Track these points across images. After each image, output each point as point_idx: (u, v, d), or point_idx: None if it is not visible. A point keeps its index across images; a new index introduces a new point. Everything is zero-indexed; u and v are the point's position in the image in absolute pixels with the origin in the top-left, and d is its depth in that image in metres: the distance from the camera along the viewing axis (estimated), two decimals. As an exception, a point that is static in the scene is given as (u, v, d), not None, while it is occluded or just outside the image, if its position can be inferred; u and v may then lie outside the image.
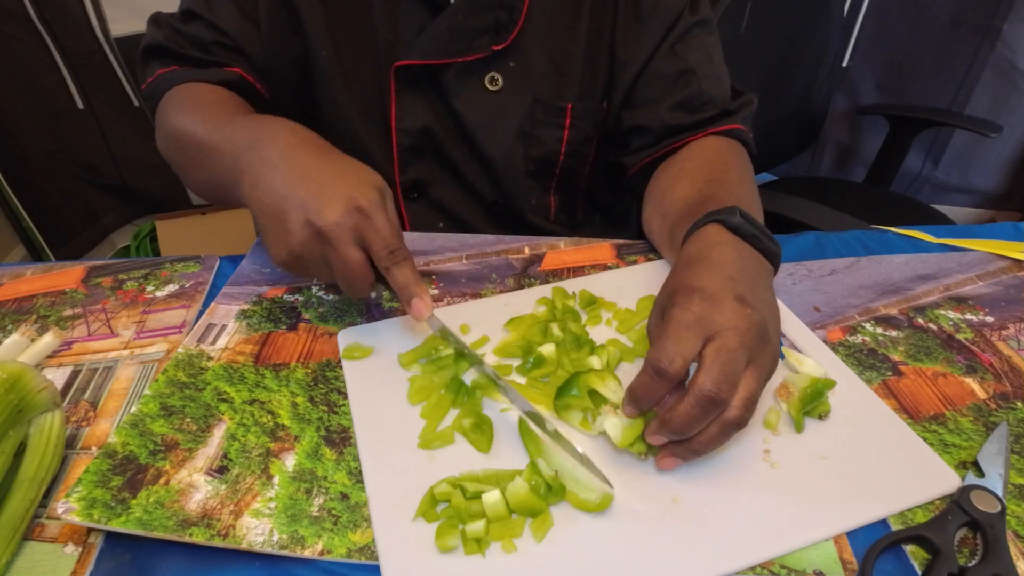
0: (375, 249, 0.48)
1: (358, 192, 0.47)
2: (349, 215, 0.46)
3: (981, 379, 0.52)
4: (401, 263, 0.49)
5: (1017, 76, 1.68)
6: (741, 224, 0.49)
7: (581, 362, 0.51)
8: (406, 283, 0.49)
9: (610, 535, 0.40)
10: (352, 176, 0.49)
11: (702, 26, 0.69)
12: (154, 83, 0.68)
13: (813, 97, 1.43)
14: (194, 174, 0.63)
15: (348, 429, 0.48)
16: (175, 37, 0.67)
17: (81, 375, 0.54)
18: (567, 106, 0.71)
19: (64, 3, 1.62)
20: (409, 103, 0.70)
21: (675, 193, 0.62)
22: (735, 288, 0.43)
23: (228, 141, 0.54)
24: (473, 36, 0.67)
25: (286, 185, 0.48)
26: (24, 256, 1.89)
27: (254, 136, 0.52)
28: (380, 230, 0.47)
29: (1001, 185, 1.90)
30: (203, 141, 0.58)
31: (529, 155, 0.74)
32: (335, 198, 0.46)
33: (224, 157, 0.54)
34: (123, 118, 1.84)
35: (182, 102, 0.64)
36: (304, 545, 0.40)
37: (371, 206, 0.47)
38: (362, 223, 0.47)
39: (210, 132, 0.58)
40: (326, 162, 0.50)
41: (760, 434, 0.46)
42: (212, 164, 0.57)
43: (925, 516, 0.42)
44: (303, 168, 0.48)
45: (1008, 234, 0.71)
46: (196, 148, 0.59)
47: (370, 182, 0.49)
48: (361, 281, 0.49)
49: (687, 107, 0.68)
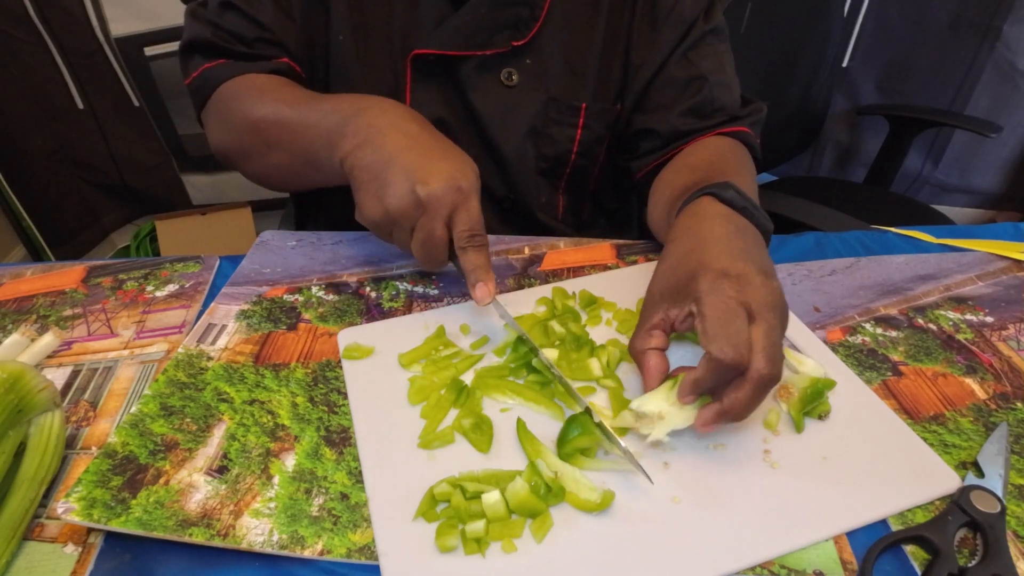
0: (459, 228, 0.51)
1: (460, 173, 0.51)
2: (450, 192, 0.50)
3: (981, 379, 0.52)
4: (478, 248, 0.52)
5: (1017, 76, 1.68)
6: (734, 197, 0.50)
7: (581, 363, 0.51)
8: (476, 267, 0.52)
9: (610, 535, 0.40)
10: (456, 157, 0.52)
11: (715, 34, 0.70)
12: (200, 78, 0.69)
13: (813, 97, 1.43)
14: (275, 156, 0.64)
15: (348, 429, 0.48)
16: (217, 32, 0.68)
17: (81, 375, 0.54)
18: (581, 106, 0.71)
19: (64, 3, 1.62)
20: (424, 93, 0.70)
21: (676, 183, 0.63)
22: (754, 262, 0.44)
23: (330, 113, 0.57)
24: (494, 31, 0.67)
25: (396, 150, 0.51)
26: (24, 256, 1.89)
27: (362, 105, 0.56)
28: (471, 212, 0.51)
29: (1001, 185, 1.90)
30: (292, 120, 0.61)
31: (541, 153, 0.74)
32: (440, 173, 0.50)
33: (320, 129, 0.57)
34: (123, 118, 1.83)
35: (248, 91, 0.66)
36: (304, 545, 0.40)
37: (469, 188, 0.51)
38: (459, 202, 0.51)
39: (298, 110, 0.60)
40: (433, 137, 0.54)
41: (760, 434, 0.46)
42: (303, 140, 0.59)
43: (925, 516, 0.42)
44: (413, 137, 0.52)
45: (1008, 234, 0.71)
46: (281, 129, 0.62)
47: (471, 166, 0.53)
48: (439, 254, 0.52)
49: (697, 113, 0.69)
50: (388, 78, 0.71)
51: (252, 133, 0.65)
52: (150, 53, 1.69)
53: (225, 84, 0.68)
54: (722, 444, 0.45)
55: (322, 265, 0.66)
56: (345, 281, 0.64)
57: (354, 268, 0.66)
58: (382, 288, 0.63)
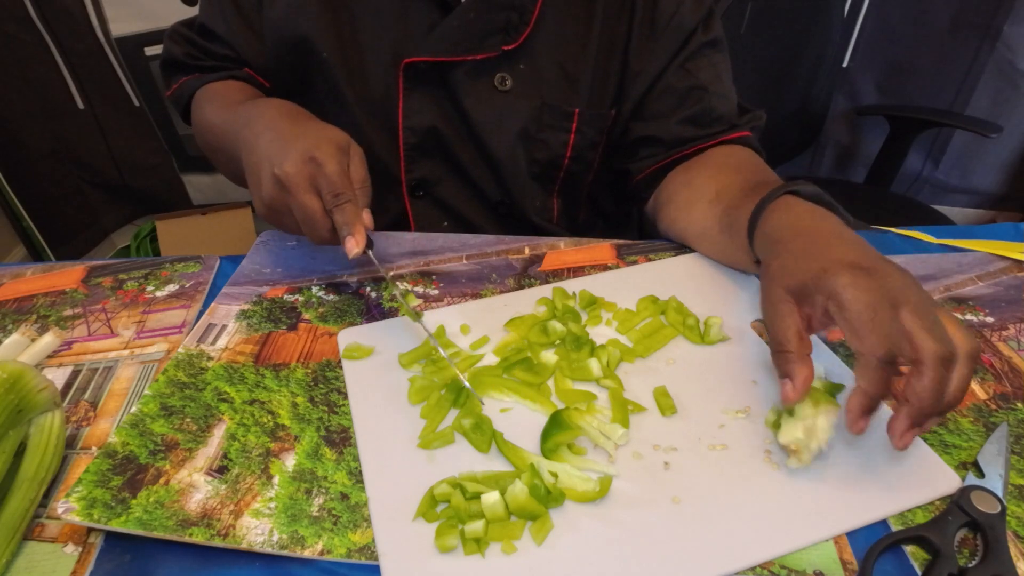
0: (324, 195, 0.52)
1: (314, 145, 0.52)
2: (304, 165, 0.51)
3: (981, 380, 0.52)
4: (343, 205, 0.51)
5: (1017, 76, 1.68)
6: (818, 193, 0.51)
7: (581, 363, 0.51)
8: (343, 223, 0.51)
9: (610, 535, 0.40)
10: (313, 133, 0.54)
11: (713, 46, 0.70)
12: (179, 89, 0.78)
13: (813, 97, 1.43)
14: (219, 157, 0.74)
15: (348, 429, 0.48)
16: (193, 52, 0.78)
17: (81, 375, 0.54)
18: (574, 111, 0.71)
19: (65, 3, 1.62)
20: (417, 101, 0.71)
21: (723, 181, 0.63)
22: (875, 255, 0.44)
23: (232, 122, 0.63)
24: (484, 35, 0.67)
25: (260, 144, 0.55)
26: (24, 256, 1.89)
27: (250, 114, 0.60)
28: (329, 176, 0.51)
29: (1001, 185, 1.90)
30: (219, 127, 0.68)
31: (533, 158, 0.74)
32: (293, 151, 0.52)
33: (232, 137, 0.62)
34: (123, 118, 1.83)
35: (207, 100, 0.74)
36: (304, 545, 0.40)
37: (324, 156, 0.51)
38: (315, 171, 0.51)
39: (224, 119, 0.68)
40: (296, 125, 0.56)
41: (761, 434, 0.46)
42: (228, 146, 0.66)
43: (925, 517, 0.42)
44: (279, 131, 0.55)
45: (1008, 235, 0.71)
46: (216, 135, 0.70)
47: (329, 138, 0.53)
48: (319, 226, 0.52)
49: (696, 122, 0.70)
50: (379, 89, 0.71)
51: (202, 137, 0.75)
52: (150, 53, 1.69)
53: (196, 93, 0.76)
54: (722, 444, 0.45)
55: (322, 265, 0.67)
56: (345, 281, 0.64)
57: (354, 268, 0.66)
58: (382, 288, 0.63)
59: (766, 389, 0.50)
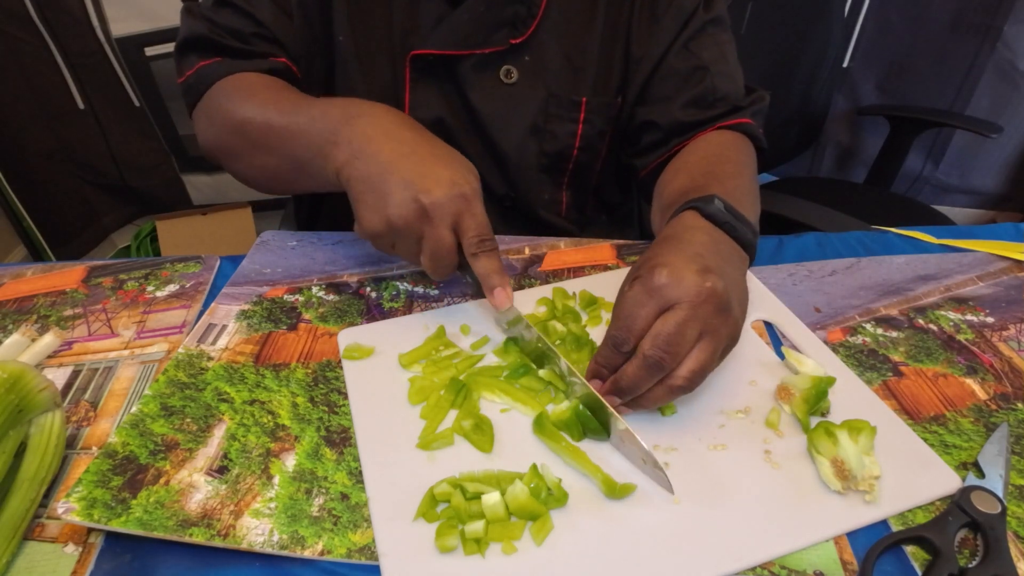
0: (468, 235, 0.51)
1: (461, 178, 0.50)
2: (454, 199, 0.49)
3: (981, 380, 0.52)
4: (490, 252, 0.51)
5: (1017, 76, 1.68)
6: (717, 212, 0.51)
7: (581, 363, 0.51)
8: (490, 272, 0.51)
9: (610, 535, 0.40)
10: (455, 162, 0.52)
11: (716, 24, 0.70)
12: (195, 76, 0.67)
13: (813, 98, 1.43)
14: (261, 159, 0.63)
15: (348, 429, 0.48)
16: (214, 28, 0.67)
17: (81, 375, 0.54)
18: (582, 100, 0.71)
19: (65, 3, 1.62)
20: (423, 93, 0.71)
21: (672, 186, 0.63)
22: (699, 261, 0.44)
23: (318, 119, 0.56)
24: (492, 29, 0.67)
25: (392, 160, 0.50)
26: (24, 256, 1.89)
27: (352, 112, 0.54)
28: (477, 217, 0.51)
29: (1002, 186, 1.90)
30: (278, 124, 0.59)
31: (542, 150, 0.74)
32: (441, 180, 0.49)
33: (310, 136, 0.55)
34: (123, 118, 1.83)
35: (237, 91, 0.64)
36: (304, 545, 0.40)
37: (472, 194, 0.50)
38: (463, 208, 0.50)
39: (287, 115, 0.58)
40: (430, 144, 0.53)
41: (761, 435, 0.46)
42: (291, 145, 0.58)
43: (925, 517, 0.42)
44: (408, 145, 0.52)
45: (1009, 235, 0.71)
46: (267, 132, 0.60)
47: (471, 169, 0.52)
48: (449, 262, 0.52)
49: (700, 103, 0.69)
50: (387, 78, 0.71)
51: (237, 133, 0.63)
52: (151, 53, 1.69)
53: (218, 83, 0.66)
54: (723, 444, 0.45)
55: (322, 265, 0.67)
56: (345, 281, 0.64)
57: (354, 268, 0.66)
58: (382, 288, 0.63)
59: (766, 389, 0.50)
